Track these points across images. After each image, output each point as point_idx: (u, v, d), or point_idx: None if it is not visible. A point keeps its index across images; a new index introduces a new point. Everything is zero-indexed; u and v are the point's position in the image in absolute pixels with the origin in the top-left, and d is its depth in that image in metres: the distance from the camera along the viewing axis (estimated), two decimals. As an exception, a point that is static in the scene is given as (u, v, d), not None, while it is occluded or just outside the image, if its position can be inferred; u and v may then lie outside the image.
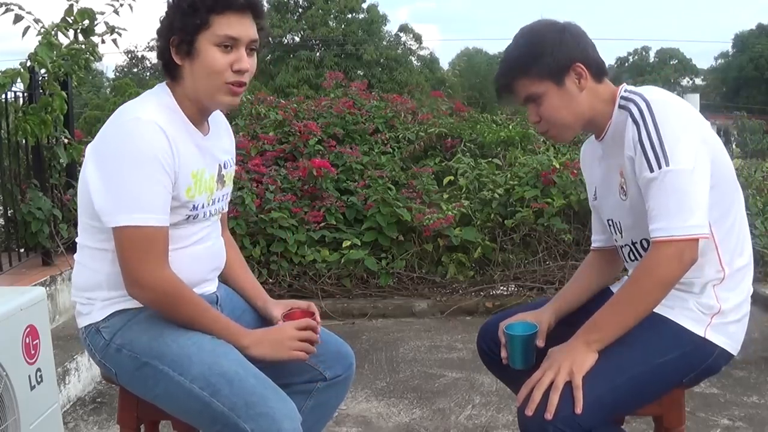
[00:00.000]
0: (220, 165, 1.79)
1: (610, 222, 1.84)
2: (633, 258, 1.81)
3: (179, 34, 1.63)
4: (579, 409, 1.54)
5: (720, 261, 1.69)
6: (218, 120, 1.85)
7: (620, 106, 1.71)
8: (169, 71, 1.69)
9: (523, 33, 1.76)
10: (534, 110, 1.75)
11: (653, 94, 1.67)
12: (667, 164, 1.56)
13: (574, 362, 1.59)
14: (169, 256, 1.64)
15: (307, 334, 1.74)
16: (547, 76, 1.69)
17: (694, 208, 1.56)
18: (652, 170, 1.58)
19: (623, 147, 1.66)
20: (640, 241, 1.76)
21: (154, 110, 1.62)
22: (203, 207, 1.73)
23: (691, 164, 1.57)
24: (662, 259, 1.58)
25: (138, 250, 1.57)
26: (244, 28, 1.64)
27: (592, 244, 2.02)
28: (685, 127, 1.60)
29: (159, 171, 1.58)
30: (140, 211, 1.56)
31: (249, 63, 1.66)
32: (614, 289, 1.93)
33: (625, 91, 1.72)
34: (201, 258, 1.76)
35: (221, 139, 1.84)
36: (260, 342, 1.69)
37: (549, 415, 1.54)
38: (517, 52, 1.74)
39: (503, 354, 1.87)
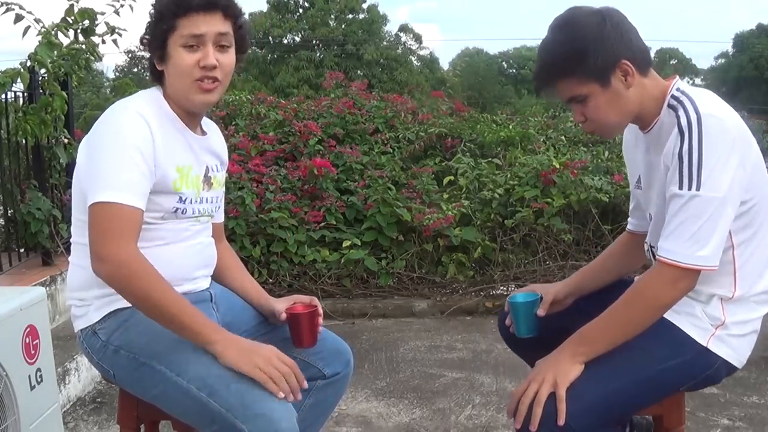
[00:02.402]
0: (207, 167, 1.80)
1: (650, 216, 1.80)
2: (648, 257, 1.81)
3: (153, 42, 1.70)
4: (561, 421, 1.53)
5: (734, 284, 1.65)
6: (210, 126, 1.89)
7: (669, 105, 1.63)
8: (156, 78, 1.75)
9: (561, 27, 1.64)
10: (579, 110, 1.66)
11: (706, 105, 1.57)
12: (698, 188, 1.51)
13: (558, 374, 1.58)
14: (155, 251, 1.64)
15: (285, 369, 1.56)
16: (592, 78, 1.59)
17: (709, 239, 1.52)
18: (681, 187, 1.53)
19: (664, 152, 1.61)
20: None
21: (141, 103, 1.68)
22: (191, 202, 1.74)
23: (722, 193, 1.51)
24: (657, 282, 1.57)
25: (103, 226, 1.57)
26: (207, 25, 1.68)
27: (627, 226, 1.99)
28: (729, 151, 1.53)
29: (136, 155, 1.60)
30: (110, 188, 1.57)
31: (220, 59, 1.69)
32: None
33: (677, 90, 1.63)
34: (187, 255, 1.76)
35: (213, 143, 1.86)
36: (232, 344, 1.57)
37: (533, 428, 1.54)
38: (557, 51, 1.62)
39: (507, 322, 1.91)
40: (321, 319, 1.84)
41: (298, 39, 36.45)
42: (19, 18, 3.75)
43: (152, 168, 1.63)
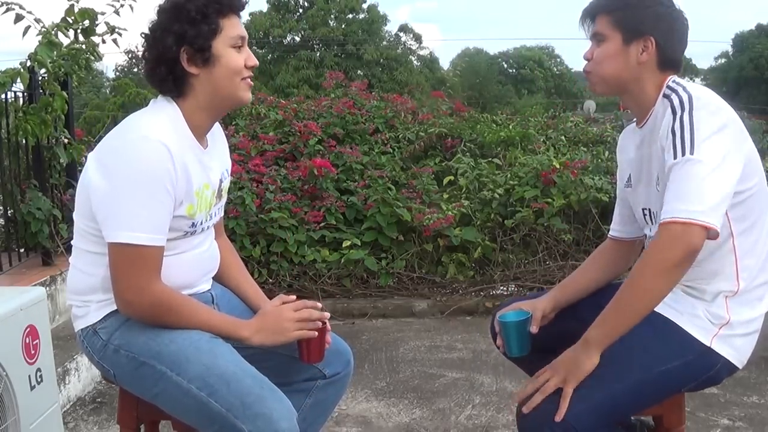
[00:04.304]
0: (218, 179, 1.80)
1: (646, 211, 1.80)
2: None
3: (193, 43, 1.64)
4: (559, 417, 1.54)
5: (737, 275, 1.66)
6: (214, 131, 1.85)
7: (664, 95, 1.68)
8: (179, 86, 1.68)
9: None
10: (592, 48, 1.76)
11: (699, 90, 1.66)
12: (692, 153, 1.54)
13: (569, 370, 1.59)
14: (164, 261, 1.64)
15: (305, 313, 1.73)
16: (621, 28, 1.70)
17: (705, 197, 1.52)
18: (675, 156, 1.56)
19: (659, 136, 1.65)
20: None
21: (162, 128, 1.62)
22: (202, 223, 1.75)
23: (715, 161, 1.53)
24: (659, 244, 1.55)
25: (128, 267, 1.59)
26: (242, 27, 1.72)
27: (610, 233, 2.00)
28: (720, 128, 1.57)
29: (161, 192, 1.59)
30: (139, 230, 1.57)
31: None
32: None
33: (672, 81, 1.70)
34: (196, 263, 1.78)
35: (218, 150, 1.85)
36: (260, 330, 1.70)
37: (526, 410, 1.59)
38: None
39: (498, 342, 1.90)
40: (328, 325, 1.82)
41: (298, 39, 36.45)
42: (19, 18, 3.75)
43: (174, 200, 1.62)
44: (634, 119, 1.86)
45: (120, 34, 4.04)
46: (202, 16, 1.64)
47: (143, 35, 1.70)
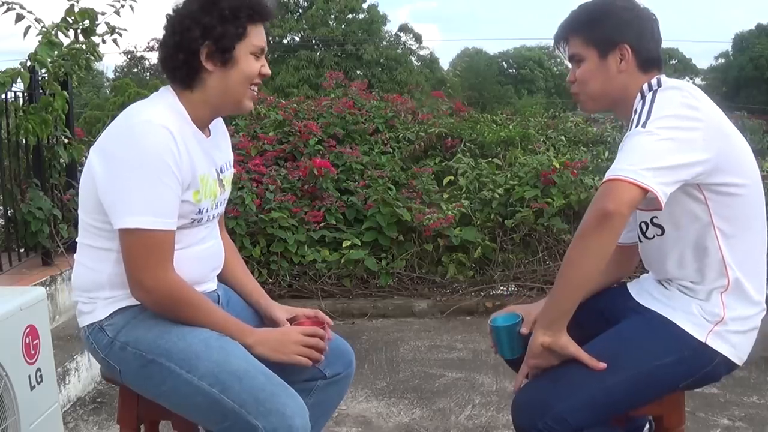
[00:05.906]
0: (216, 170, 1.80)
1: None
2: (640, 240, 1.81)
3: (218, 41, 1.65)
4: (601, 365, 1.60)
5: (725, 269, 1.65)
6: (217, 123, 1.86)
7: (641, 92, 1.69)
8: (191, 78, 1.69)
9: None
10: (574, 70, 1.79)
11: (674, 81, 1.68)
12: (644, 126, 1.56)
13: (529, 352, 1.66)
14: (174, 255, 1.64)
15: (312, 341, 1.74)
16: (594, 44, 1.73)
17: (639, 158, 1.52)
18: (630, 129, 1.59)
19: None
20: (640, 224, 1.76)
21: (163, 113, 1.63)
22: (207, 211, 1.75)
23: (666, 135, 1.54)
24: (596, 196, 1.56)
25: (143, 253, 1.58)
26: (265, 37, 1.74)
27: None
28: (682, 114, 1.57)
29: (168, 175, 1.58)
30: (149, 214, 1.57)
31: None
32: (630, 287, 1.89)
33: (654, 79, 1.71)
34: (203, 258, 1.78)
35: (220, 142, 1.86)
36: (264, 341, 1.70)
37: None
38: (582, 10, 1.79)
39: (491, 344, 1.90)
40: (328, 334, 1.82)
41: (297, 39, 36.43)
42: (19, 18, 3.75)
43: (181, 183, 1.62)
44: None
45: (120, 35, 4.04)
46: (233, 17, 1.65)
47: (167, 17, 1.70)
